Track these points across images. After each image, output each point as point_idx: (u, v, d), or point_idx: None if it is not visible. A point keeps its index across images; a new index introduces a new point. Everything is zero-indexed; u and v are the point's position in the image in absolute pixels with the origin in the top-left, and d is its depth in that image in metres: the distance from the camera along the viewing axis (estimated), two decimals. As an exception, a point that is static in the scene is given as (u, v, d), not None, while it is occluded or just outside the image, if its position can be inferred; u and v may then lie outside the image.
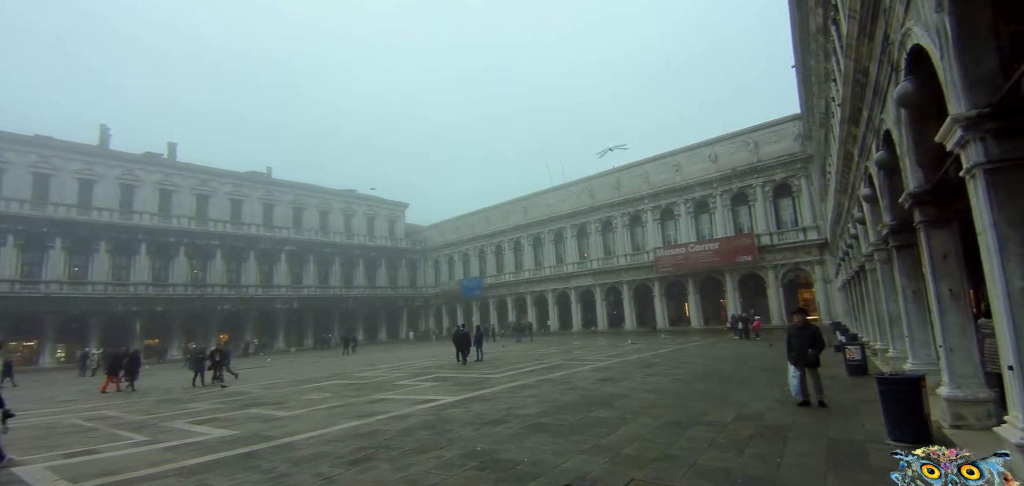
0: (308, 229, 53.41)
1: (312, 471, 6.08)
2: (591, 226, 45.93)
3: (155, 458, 7.37)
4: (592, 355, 20.65)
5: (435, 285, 61.60)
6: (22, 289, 34.72)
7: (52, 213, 37.21)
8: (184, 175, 46.03)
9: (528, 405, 9.81)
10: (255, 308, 46.37)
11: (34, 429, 10.59)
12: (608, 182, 45.65)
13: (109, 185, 41.13)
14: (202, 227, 45.08)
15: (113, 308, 38.05)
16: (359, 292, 55.06)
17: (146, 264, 40.80)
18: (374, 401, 11.67)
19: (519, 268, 52.60)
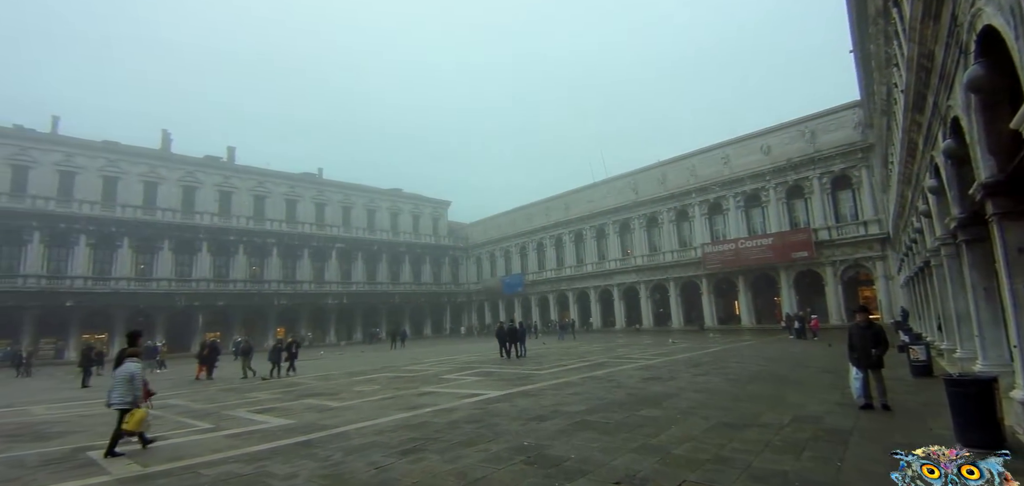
0: (356, 227, 55.26)
1: (365, 460, 6.33)
2: (635, 222, 45.14)
3: (219, 445, 7.84)
4: (637, 353, 20.34)
5: (477, 281, 62.34)
6: (94, 285, 37.51)
7: (120, 214, 40.01)
8: (242, 177, 48.59)
9: (573, 402, 9.80)
10: (308, 303, 48.42)
11: (107, 416, 11.38)
12: (653, 176, 44.69)
13: (172, 187, 43.88)
14: (260, 226, 47.44)
15: (177, 303, 40.57)
16: (405, 288, 56.52)
17: (207, 261, 43.29)
18: (422, 394, 11.97)
19: (561, 265, 52.40)
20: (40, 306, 35.10)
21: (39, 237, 35.97)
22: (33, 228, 35.81)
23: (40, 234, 36.03)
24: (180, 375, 21.50)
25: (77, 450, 7.81)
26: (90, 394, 16.25)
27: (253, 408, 11.47)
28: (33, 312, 34.88)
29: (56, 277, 36.32)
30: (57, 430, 9.68)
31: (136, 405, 7.55)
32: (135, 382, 7.64)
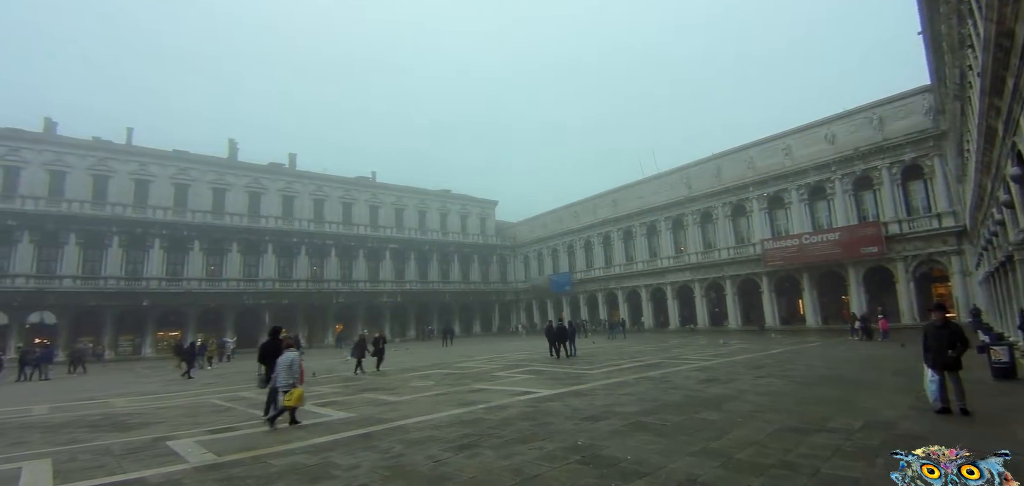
0: (408, 228, 56.87)
1: (424, 453, 6.48)
2: (688, 218, 43.74)
3: (285, 436, 8.24)
4: (692, 354, 19.74)
5: (524, 280, 62.52)
6: (168, 286, 40.41)
7: (190, 219, 42.88)
8: (303, 182, 51.09)
9: (627, 403, 9.63)
10: (364, 301, 50.27)
11: (181, 408, 12.29)
12: (707, 170, 43.15)
13: (239, 193, 46.76)
14: (319, 228, 49.70)
15: (244, 301, 43.16)
16: (454, 287, 57.62)
17: (272, 262, 45.82)
18: (474, 391, 12.12)
19: (609, 263, 51.62)
20: (119, 306, 38.25)
21: (117, 241, 39.13)
22: (112, 233, 38.99)
23: (118, 238, 39.19)
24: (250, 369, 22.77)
25: (157, 440, 8.39)
26: (169, 387, 17.49)
27: (316, 401, 11.98)
28: (113, 311, 38.07)
29: (133, 278, 39.38)
30: (138, 421, 10.46)
31: (295, 386, 8.82)
32: (294, 367, 8.91)
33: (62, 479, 6.14)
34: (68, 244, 37.27)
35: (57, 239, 37.11)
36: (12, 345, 31.52)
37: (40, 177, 38.23)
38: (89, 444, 8.22)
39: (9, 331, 34.12)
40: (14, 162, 37.52)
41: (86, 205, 38.87)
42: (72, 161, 39.65)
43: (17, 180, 37.33)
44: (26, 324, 35.18)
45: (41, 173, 38.34)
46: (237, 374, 21.17)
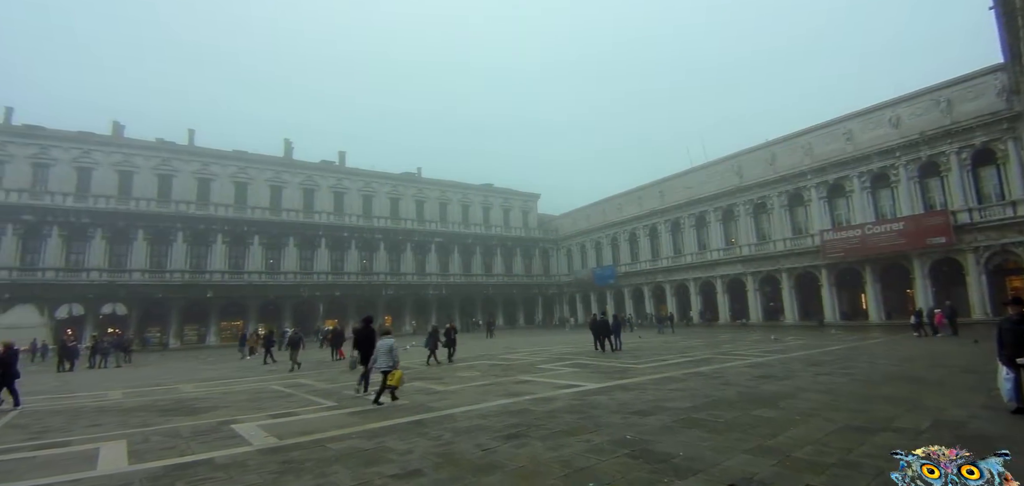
0: (452, 222, 57.76)
1: (473, 442, 6.58)
2: (740, 208, 42.13)
3: (342, 421, 8.57)
4: (745, 350, 19.05)
5: (568, 273, 62.20)
6: (230, 278, 42.78)
7: (250, 215, 45.26)
8: (352, 179, 52.84)
9: (677, 398, 9.41)
10: (411, 293, 51.65)
11: (244, 394, 12.96)
12: (760, 158, 41.37)
13: (294, 190, 48.87)
14: (368, 223, 51.45)
15: (300, 293, 45.19)
16: (498, 280, 58.26)
17: (326, 256, 47.81)
18: (520, 382, 12.17)
19: (656, 256, 50.48)
20: (184, 297, 40.85)
21: (182, 236, 41.81)
22: (177, 229, 41.70)
23: (183, 234, 41.87)
24: (305, 357, 23.79)
25: (222, 423, 8.87)
26: (232, 374, 18.47)
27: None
28: (179, 302, 40.71)
29: (197, 271, 41.95)
30: (204, 406, 11.09)
31: (395, 368, 9.81)
32: (393, 351, 9.92)
33: (136, 459, 6.56)
34: (137, 240, 40.11)
35: (127, 235, 40.00)
36: (87, 334, 34.16)
37: (110, 177, 41.19)
38: (160, 427, 8.79)
39: (84, 321, 37.07)
40: (86, 164, 40.62)
41: (152, 203, 41.69)
42: (139, 162, 42.51)
43: (89, 180, 40.40)
44: (100, 315, 38.07)
45: (111, 173, 41.30)
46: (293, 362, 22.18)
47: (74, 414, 10.46)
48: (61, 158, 39.68)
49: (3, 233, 36.04)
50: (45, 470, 6.13)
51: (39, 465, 6.43)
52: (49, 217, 37.46)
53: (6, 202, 36.37)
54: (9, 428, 9.06)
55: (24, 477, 5.81)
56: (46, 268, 36.93)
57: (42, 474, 5.93)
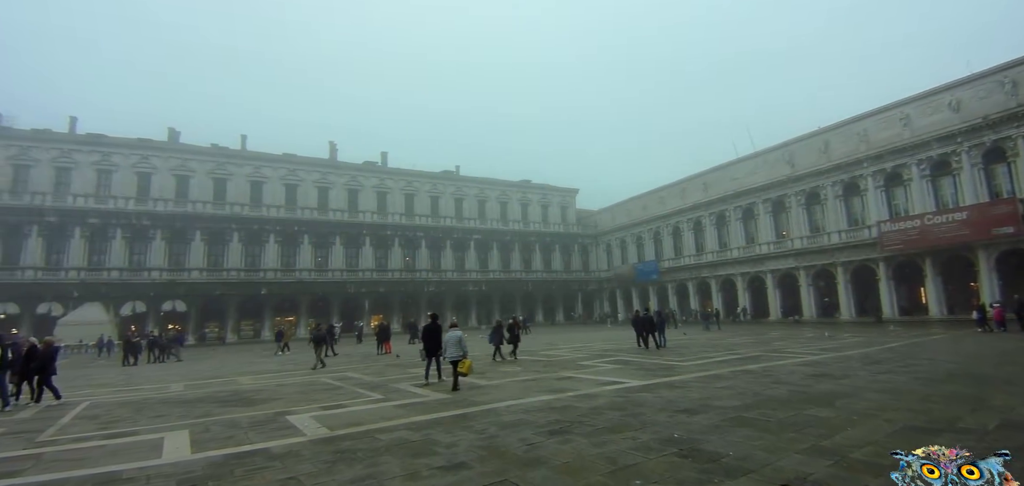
0: (491, 219, 58.25)
1: (517, 436, 6.61)
2: (791, 199, 40.40)
3: (389, 414, 8.81)
4: (797, 347, 18.31)
5: (608, 269, 61.45)
6: (282, 276, 44.74)
7: (299, 215, 47.11)
8: (394, 178, 54.15)
9: (725, 396, 9.14)
10: (452, 290, 52.47)
11: (297, 386, 13.48)
12: (812, 146, 39.53)
13: (339, 191, 50.58)
14: (409, 221, 52.64)
15: (347, 290, 46.70)
16: (537, 276, 58.34)
17: (370, 253, 49.37)
18: (561, 378, 12.14)
19: (701, 250, 49.14)
20: (240, 294, 42.95)
21: (238, 236, 44.01)
22: (232, 229, 43.90)
23: (238, 234, 44.06)
24: (352, 351, 24.59)
25: (278, 414, 9.27)
26: (285, 367, 19.24)
27: (414, 382, 12.71)
28: (235, 299, 42.84)
29: (251, 270, 44.06)
30: (260, 397, 11.61)
31: (465, 356, 10.92)
32: (462, 342, 10.99)
33: (198, 448, 6.92)
34: (194, 240, 42.49)
35: (185, 236, 42.44)
36: (150, 330, 36.38)
37: (168, 181, 43.77)
38: (220, 417, 9.27)
39: (147, 318, 39.53)
40: (146, 169, 43.31)
41: (209, 205, 44.06)
42: (195, 166, 44.99)
43: (149, 185, 43.11)
44: (161, 312, 40.53)
45: (169, 178, 43.87)
46: (344, 357, 22.91)
47: (140, 406, 11.15)
48: (122, 164, 42.45)
49: (72, 236, 38.97)
50: (115, 458, 6.56)
51: (110, 453, 6.89)
52: (113, 220, 40.22)
53: (74, 207, 39.30)
54: (82, 419, 9.74)
55: (98, 465, 6.23)
56: (111, 268, 39.69)
57: (113, 462, 6.34)
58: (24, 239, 37.83)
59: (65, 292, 37.65)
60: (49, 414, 10.45)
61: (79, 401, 12.15)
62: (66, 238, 38.94)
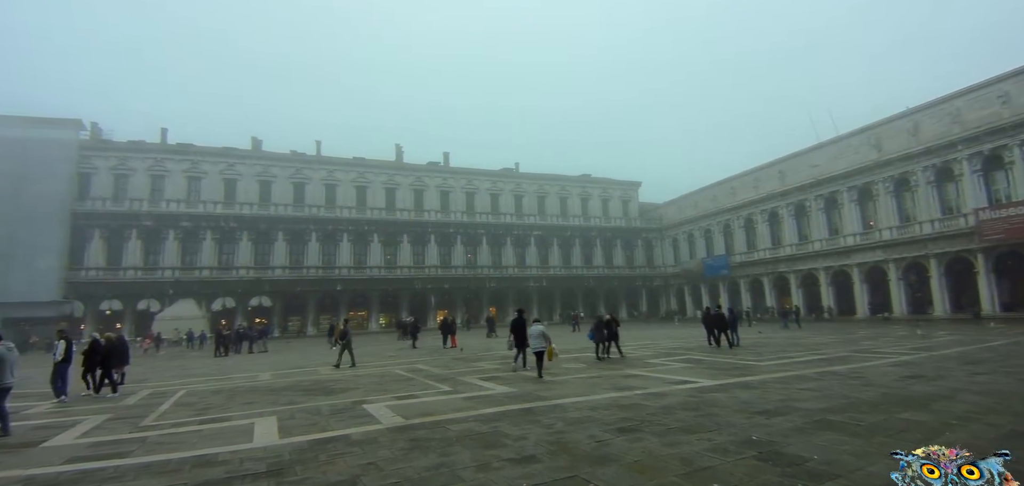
0: (550, 214, 58.20)
1: (585, 433, 6.59)
2: (878, 186, 37.25)
3: (458, 405, 9.07)
4: (887, 346, 16.93)
5: (674, 264, 59.53)
6: (355, 273, 47.11)
7: (369, 215, 49.40)
8: (456, 177, 55.47)
9: (807, 398, 8.64)
10: (513, 286, 52.96)
11: (372, 377, 14.16)
12: (900, 128, 36.26)
13: (405, 191, 52.56)
14: (471, 218, 53.82)
15: (414, 286, 48.48)
16: (598, 272, 57.63)
17: (434, 251, 51.01)
18: (628, 376, 11.93)
19: (777, 243, 46.40)
20: (318, 290, 45.68)
21: (315, 236, 46.86)
22: (310, 230, 46.77)
23: (315, 234, 46.92)
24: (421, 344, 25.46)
25: (355, 403, 9.81)
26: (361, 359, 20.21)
27: (480, 376, 13.03)
28: (313, 295, 45.59)
29: (328, 267, 46.76)
30: (339, 387, 12.30)
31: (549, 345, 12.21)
32: (545, 335, 12.13)
33: (285, 434, 7.45)
34: (277, 240, 45.65)
35: (268, 236, 45.69)
36: (239, 324, 39.40)
37: (252, 186, 47.23)
38: (303, 405, 9.92)
39: (235, 312, 42.88)
40: (231, 175, 46.93)
41: (289, 208, 47.17)
42: (276, 172, 48.29)
43: (235, 190, 46.68)
44: (248, 307, 43.93)
45: (253, 183, 47.34)
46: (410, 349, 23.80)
47: (231, 394, 12.10)
48: (210, 171, 46.30)
49: (166, 238, 43.03)
50: (211, 442, 7.17)
51: (205, 437, 7.55)
52: (203, 223, 44.08)
53: (168, 211, 43.46)
54: (179, 405, 10.71)
55: (196, 448, 6.84)
56: (202, 267, 43.50)
57: (209, 445, 6.94)
58: (125, 242, 42.24)
59: (162, 289, 41.67)
60: (152, 401, 11.57)
61: (177, 389, 13.35)
62: (162, 240, 43.09)
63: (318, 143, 52.31)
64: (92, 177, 43.09)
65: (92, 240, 41.28)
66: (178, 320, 37.72)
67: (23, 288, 36.71)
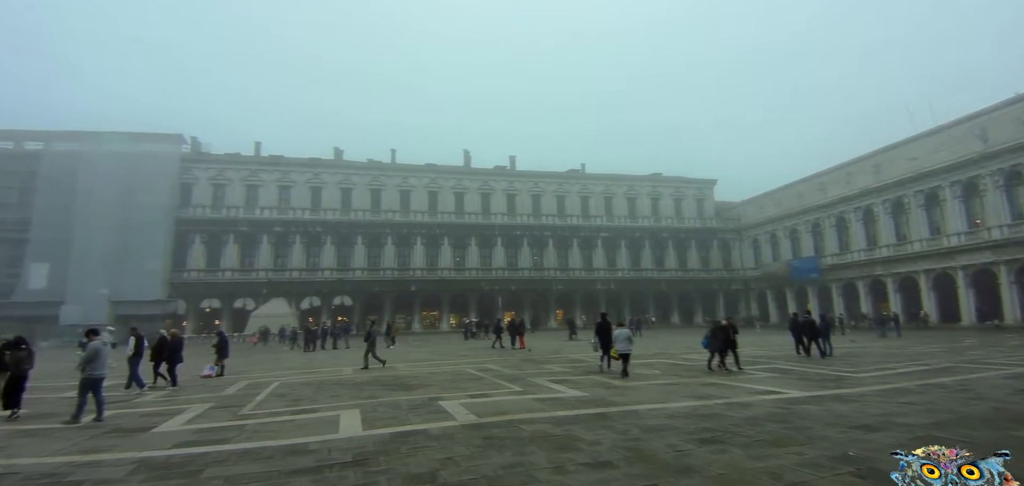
0: (618, 216, 57.19)
1: (663, 441, 6.38)
2: (986, 180, 33.31)
3: (530, 406, 9.13)
4: (998, 357, 15.16)
5: (755, 266, 56.19)
6: (427, 274, 48.97)
7: (440, 219, 51.27)
8: (522, 181, 55.99)
9: (910, 413, 7.87)
10: (581, 288, 52.50)
11: (445, 375, 14.57)
12: (1009, 116, 32.37)
13: (473, 195, 53.96)
14: (537, 221, 54.08)
15: (482, 287, 49.45)
16: (670, 274, 55.66)
17: (501, 253, 51.83)
18: (707, 384, 11.43)
19: (872, 243, 42.62)
20: (394, 291, 47.86)
21: (391, 240, 49.27)
22: (386, 233, 49.23)
23: (391, 238, 49.24)
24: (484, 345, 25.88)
25: (431, 399, 10.15)
26: (434, 357, 20.86)
27: (550, 378, 13.02)
28: (390, 295, 47.74)
29: (403, 269, 48.91)
30: (416, 383, 12.78)
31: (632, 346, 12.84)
32: (631, 339, 12.92)
33: (368, 425, 7.84)
34: (356, 244, 48.45)
35: (349, 240, 48.61)
36: (324, 321, 41.95)
37: (334, 194, 50.47)
38: (384, 399, 10.40)
39: (321, 310, 45.85)
40: (317, 184, 50.47)
41: (367, 213, 49.89)
42: (355, 179, 51.27)
43: (320, 197, 50.09)
44: (333, 305, 47.00)
45: (335, 191, 50.57)
46: (482, 349, 24.29)
47: (319, 387, 12.88)
48: (298, 180, 50.02)
49: (260, 242, 46.96)
50: (301, 431, 7.67)
51: (297, 426, 8.09)
52: (292, 228, 47.73)
53: (261, 218, 47.40)
54: (273, 396, 11.51)
55: (288, 436, 7.33)
56: (292, 268, 46.99)
57: (300, 434, 7.41)
58: (223, 246, 46.59)
59: (256, 289, 45.52)
60: (249, 391, 12.50)
61: (271, 381, 14.40)
62: (256, 244, 47.11)
63: (393, 151, 54.86)
64: (193, 187, 48.02)
65: (193, 244, 45.98)
66: (271, 317, 40.90)
67: (133, 288, 41.65)
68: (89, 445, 7.17)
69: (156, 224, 43.60)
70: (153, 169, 44.87)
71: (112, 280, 41.41)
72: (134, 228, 42.61)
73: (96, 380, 8.97)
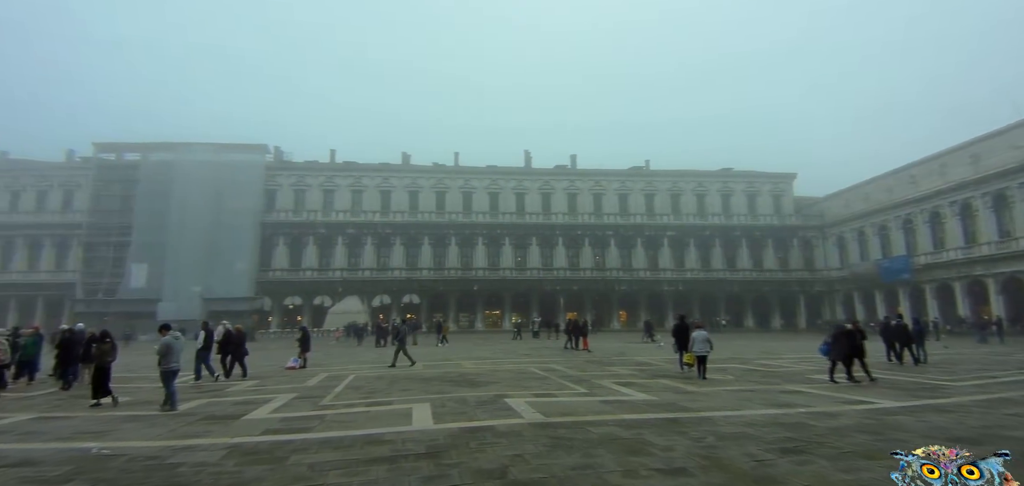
0: (686, 213, 55.09)
1: (741, 450, 6.09)
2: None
3: (597, 408, 9.03)
4: None
5: (840, 267, 52.20)
6: (489, 274, 49.76)
7: (501, 219, 52.38)
8: (583, 180, 55.50)
9: (1017, 425, 7.17)
10: (645, 289, 51.25)
11: (509, 373, 14.73)
12: None
13: (534, 195, 54.31)
14: (598, 220, 53.58)
15: (543, 287, 49.55)
16: (744, 275, 52.94)
17: (562, 253, 51.88)
18: (787, 391, 10.80)
19: (971, 241, 38.51)
20: (458, 290, 49.12)
21: (454, 241, 50.64)
22: (450, 235, 50.70)
23: (455, 238, 50.66)
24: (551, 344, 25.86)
25: (497, 396, 10.31)
26: (497, 354, 21.15)
27: (616, 380, 12.84)
28: (454, 294, 48.95)
29: (466, 269, 50.07)
30: (481, 380, 13.04)
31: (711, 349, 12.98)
32: (709, 341, 12.94)
33: (438, 420, 8.08)
34: (423, 244, 50.36)
35: (416, 241, 50.59)
36: (394, 318, 43.60)
37: (403, 197, 52.59)
38: (452, 395, 10.68)
39: (391, 308, 47.89)
40: (386, 188, 52.80)
41: (432, 215, 51.61)
42: (421, 182, 53.17)
43: (389, 200, 52.37)
44: (402, 303, 49.07)
45: (403, 194, 52.68)
46: (544, 348, 24.31)
47: (391, 381, 13.42)
48: (369, 185, 52.59)
49: (336, 243, 49.86)
50: (376, 422, 8.02)
51: (371, 418, 8.46)
52: (364, 230, 50.30)
53: (336, 221, 50.37)
54: (350, 389, 12.11)
55: (364, 427, 7.70)
56: (364, 268, 49.50)
57: (375, 425, 7.76)
58: (303, 247, 50.09)
59: (333, 288, 48.40)
60: (329, 383, 13.21)
61: (347, 374, 15.17)
62: (332, 245, 50.13)
63: (456, 154, 56.16)
64: (276, 192, 51.84)
65: (277, 246, 49.63)
66: (346, 314, 43.19)
67: (223, 287, 45.66)
68: (185, 430, 7.83)
69: (243, 227, 47.54)
70: (240, 177, 49.13)
71: (204, 279, 45.57)
72: (224, 231, 46.66)
73: (171, 373, 9.47)
